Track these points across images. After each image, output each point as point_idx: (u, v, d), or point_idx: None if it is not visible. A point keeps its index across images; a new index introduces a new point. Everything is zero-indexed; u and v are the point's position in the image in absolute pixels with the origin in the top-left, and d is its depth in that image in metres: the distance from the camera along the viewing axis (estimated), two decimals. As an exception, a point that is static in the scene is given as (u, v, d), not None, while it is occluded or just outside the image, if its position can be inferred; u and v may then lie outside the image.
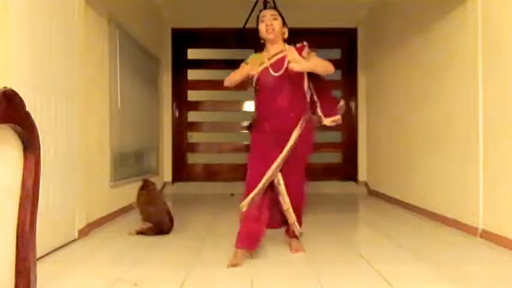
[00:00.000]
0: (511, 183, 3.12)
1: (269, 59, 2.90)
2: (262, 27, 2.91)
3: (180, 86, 6.89)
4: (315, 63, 2.83)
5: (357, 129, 6.85)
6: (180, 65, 6.88)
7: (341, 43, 6.96)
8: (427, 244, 3.36)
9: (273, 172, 2.82)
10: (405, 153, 5.14)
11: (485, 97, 3.43)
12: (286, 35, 2.98)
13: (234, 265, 2.68)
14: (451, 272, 2.59)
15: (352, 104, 6.91)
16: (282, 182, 2.89)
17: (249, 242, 2.81)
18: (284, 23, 2.97)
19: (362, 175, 6.81)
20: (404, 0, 5.06)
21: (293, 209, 2.96)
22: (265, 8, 3.09)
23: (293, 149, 2.85)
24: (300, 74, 2.88)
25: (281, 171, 2.87)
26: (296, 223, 3.00)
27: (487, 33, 3.41)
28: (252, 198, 2.80)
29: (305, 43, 2.97)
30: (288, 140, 2.83)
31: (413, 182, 4.87)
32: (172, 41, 6.80)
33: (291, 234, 3.09)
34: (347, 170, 6.94)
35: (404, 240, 3.45)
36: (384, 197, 5.87)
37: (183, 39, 6.85)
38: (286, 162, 2.85)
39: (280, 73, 2.84)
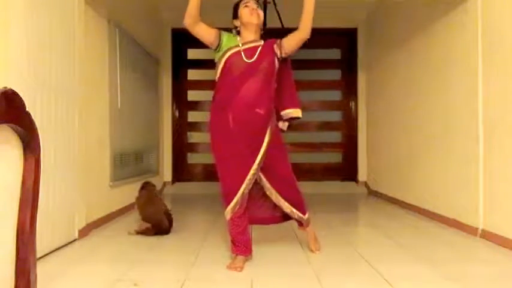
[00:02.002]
0: (511, 183, 3.12)
1: (243, 44, 2.75)
2: (245, 11, 2.75)
3: (180, 86, 6.89)
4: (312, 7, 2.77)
5: (356, 129, 6.85)
6: (180, 65, 6.88)
7: (341, 43, 6.96)
8: (427, 244, 3.36)
9: (251, 180, 2.71)
10: (405, 153, 5.14)
11: (485, 96, 3.43)
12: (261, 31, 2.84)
13: (237, 267, 2.65)
14: (451, 272, 2.59)
15: (352, 104, 6.91)
16: (264, 178, 2.81)
17: (244, 250, 2.76)
18: (265, 17, 2.85)
19: (362, 175, 6.81)
20: (405, 0, 5.06)
21: (286, 199, 2.87)
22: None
23: (266, 153, 2.74)
24: (272, 67, 2.75)
25: (261, 169, 2.77)
26: (295, 210, 2.90)
27: (487, 33, 3.41)
28: (233, 207, 2.70)
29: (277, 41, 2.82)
30: (259, 145, 2.71)
31: (413, 182, 4.87)
32: (172, 41, 6.80)
33: (299, 224, 3.03)
34: (347, 170, 6.94)
35: (404, 240, 3.45)
36: (384, 197, 5.87)
37: (183, 39, 6.83)
38: (264, 161, 2.75)
39: (252, 60, 2.69)
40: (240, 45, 2.74)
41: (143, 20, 5.72)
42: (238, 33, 2.83)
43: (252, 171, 2.70)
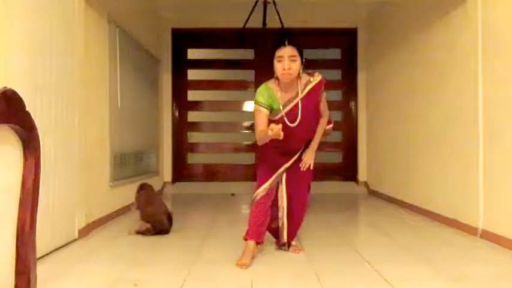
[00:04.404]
0: (511, 183, 3.12)
1: (283, 106, 2.80)
2: (278, 68, 2.73)
3: (180, 86, 6.89)
4: (317, 142, 2.99)
5: (357, 129, 6.85)
6: (180, 65, 6.88)
7: (341, 43, 6.96)
8: (427, 244, 3.36)
9: (279, 175, 2.94)
10: (405, 153, 5.14)
11: (485, 97, 3.43)
12: (301, 70, 2.83)
13: (243, 265, 2.70)
14: (451, 272, 2.59)
15: (352, 104, 6.91)
16: (284, 188, 3.00)
17: (258, 234, 2.87)
18: (302, 59, 2.79)
19: (362, 175, 6.81)
20: (405, 0, 5.06)
21: (289, 217, 3.02)
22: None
23: (298, 159, 2.96)
24: (317, 110, 2.95)
25: (286, 179, 2.99)
26: (284, 228, 3.02)
27: (487, 33, 3.41)
28: (262, 191, 2.89)
29: (320, 76, 2.92)
30: (293, 155, 2.96)
31: (413, 182, 4.87)
32: (172, 41, 6.80)
33: (290, 237, 3.09)
34: (347, 170, 6.94)
35: (404, 240, 3.46)
36: (384, 197, 5.87)
37: (183, 39, 6.84)
38: (292, 169, 2.96)
39: (296, 123, 2.80)
40: (281, 107, 2.79)
41: (143, 20, 5.72)
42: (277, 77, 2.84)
43: (281, 170, 2.93)
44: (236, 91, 7.02)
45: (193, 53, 7.00)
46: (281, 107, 2.80)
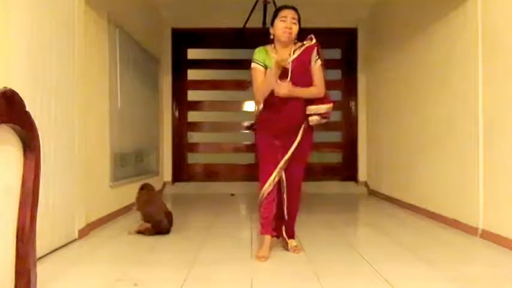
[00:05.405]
0: (511, 183, 3.12)
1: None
2: (280, 26, 2.90)
3: (180, 86, 6.89)
4: (300, 92, 2.89)
5: (357, 129, 6.85)
6: (180, 65, 6.88)
7: (341, 43, 6.96)
8: (427, 244, 3.36)
9: (281, 169, 2.96)
10: (405, 153, 5.14)
11: (485, 96, 3.43)
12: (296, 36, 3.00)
13: (262, 257, 2.81)
14: (451, 271, 2.59)
15: (352, 104, 6.91)
16: (283, 175, 3.01)
17: (269, 231, 2.95)
18: (299, 27, 2.97)
19: (362, 175, 6.81)
20: (405, 0, 5.05)
21: (288, 196, 3.04)
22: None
23: (296, 147, 2.96)
24: (308, 75, 2.96)
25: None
26: (284, 203, 3.06)
27: (487, 33, 3.41)
28: (267, 188, 2.94)
29: (313, 40, 3.00)
30: (293, 140, 2.94)
31: (413, 182, 4.87)
32: (172, 41, 6.80)
33: (289, 234, 3.12)
34: (347, 170, 6.94)
35: (404, 240, 3.46)
36: (384, 197, 5.87)
37: (183, 39, 6.84)
38: (291, 156, 2.98)
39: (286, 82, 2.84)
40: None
41: (143, 20, 5.72)
42: (273, 41, 2.97)
43: (281, 163, 2.94)
44: (236, 91, 7.02)
45: (193, 53, 7.00)
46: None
